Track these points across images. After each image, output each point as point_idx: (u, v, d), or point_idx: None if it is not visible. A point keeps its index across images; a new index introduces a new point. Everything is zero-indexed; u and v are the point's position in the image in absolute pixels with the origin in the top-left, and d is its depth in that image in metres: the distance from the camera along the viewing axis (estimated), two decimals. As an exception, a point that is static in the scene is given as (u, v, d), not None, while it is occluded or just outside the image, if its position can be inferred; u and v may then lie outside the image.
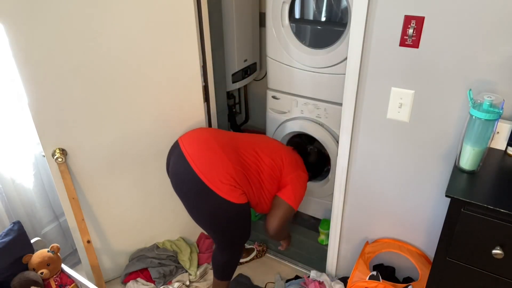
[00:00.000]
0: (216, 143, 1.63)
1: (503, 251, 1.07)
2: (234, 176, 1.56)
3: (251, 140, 1.75)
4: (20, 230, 1.66)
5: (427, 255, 1.70)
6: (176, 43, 1.74)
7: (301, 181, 1.75)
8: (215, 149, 1.60)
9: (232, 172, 1.56)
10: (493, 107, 1.11)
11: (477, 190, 1.13)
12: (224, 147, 1.62)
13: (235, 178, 1.56)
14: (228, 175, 1.55)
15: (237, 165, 1.60)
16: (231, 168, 1.57)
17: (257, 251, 2.24)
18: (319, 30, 1.98)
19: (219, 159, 1.57)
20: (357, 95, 1.54)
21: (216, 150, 1.60)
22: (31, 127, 1.63)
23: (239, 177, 1.58)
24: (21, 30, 1.42)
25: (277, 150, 1.74)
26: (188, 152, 1.61)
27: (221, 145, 1.62)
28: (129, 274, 2.05)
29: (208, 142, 1.64)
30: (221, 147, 1.61)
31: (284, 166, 1.71)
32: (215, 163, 1.56)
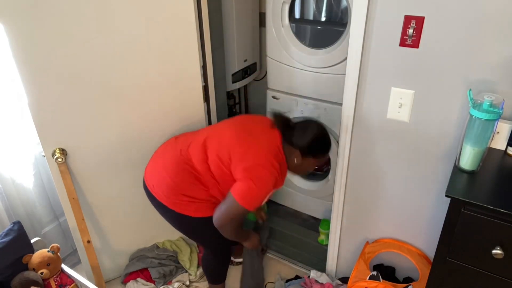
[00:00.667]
0: (165, 155, 1.63)
1: (503, 251, 1.07)
2: (183, 188, 1.54)
3: (205, 136, 1.60)
4: (20, 230, 1.66)
5: (427, 255, 1.70)
6: (176, 43, 1.74)
7: (260, 176, 1.43)
8: (162, 163, 1.61)
9: (177, 186, 1.54)
10: (493, 107, 1.11)
11: (477, 190, 1.13)
12: (172, 159, 1.58)
13: (184, 191, 1.54)
14: (176, 189, 1.54)
15: (181, 176, 1.54)
16: (172, 182, 1.54)
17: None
18: (319, 30, 1.98)
19: (162, 174, 1.58)
20: (357, 95, 1.53)
21: (163, 164, 1.60)
22: (31, 127, 1.63)
23: (188, 188, 1.54)
24: (21, 30, 1.42)
25: (227, 144, 1.51)
26: (147, 170, 1.68)
27: (170, 157, 1.60)
28: (129, 274, 2.05)
29: (160, 154, 1.66)
30: (169, 159, 1.59)
31: (232, 162, 1.47)
32: (162, 178, 1.57)
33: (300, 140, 1.50)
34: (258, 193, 1.44)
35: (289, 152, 1.53)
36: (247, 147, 1.48)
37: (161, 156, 1.65)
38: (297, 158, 1.52)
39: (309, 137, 1.50)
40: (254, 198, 1.44)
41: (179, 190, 1.54)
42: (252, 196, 1.43)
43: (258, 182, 1.42)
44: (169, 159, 1.59)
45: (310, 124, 1.54)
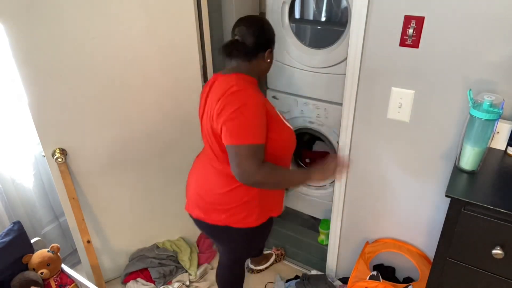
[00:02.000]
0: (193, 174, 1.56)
1: (503, 251, 1.07)
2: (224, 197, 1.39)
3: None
4: (20, 230, 1.66)
5: (427, 255, 1.70)
6: (176, 43, 1.74)
7: (236, 106, 1.22)
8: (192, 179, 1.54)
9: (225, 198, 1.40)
10: (493, 107, 1.11)
11: (477, 190, 1.13)
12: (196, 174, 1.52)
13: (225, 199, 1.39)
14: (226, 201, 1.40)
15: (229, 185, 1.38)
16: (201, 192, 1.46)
17: (276, 255, 2.22)
18: (319, 30, 1.98)
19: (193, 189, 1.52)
20: (357, 95, 1.53)
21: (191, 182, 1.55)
22: (31, 127, 1.63)
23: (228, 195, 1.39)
24: (21, 30, 1.42)
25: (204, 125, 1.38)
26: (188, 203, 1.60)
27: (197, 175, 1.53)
28: (129, 274, 2.05)
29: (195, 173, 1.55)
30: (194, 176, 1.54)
31: (214, 118, 1.29)
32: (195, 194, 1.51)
33: (263, 40, 1.36)
34: (250, 119, 1.21)
35: (257, 63, 1.37)
36: (210, 107, 1.32)
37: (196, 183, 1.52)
38: (269, 57, 1.40)
39: (268, 31, 1.38)
40: (249, 127, 1.21)
41: (228, 201, 1.39)
42: (245, 127, 1.21)
43: (238, 113, 1.21)
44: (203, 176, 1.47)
45: (252, 22, 1.36)
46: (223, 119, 1.23)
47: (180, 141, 1.96)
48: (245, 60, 1.36)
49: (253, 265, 2.16)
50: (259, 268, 2.17)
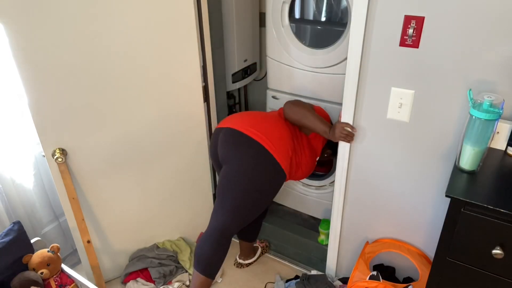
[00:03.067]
0: (264, 118, 1.74)
1: (503, 251, 1.07)
2: (289, 143, 1.67)
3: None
4: (20, 230, 1.66)
5: (427, 255, 1.70)
6: (176, 43, 1.74)
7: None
8: (266, 120, 1.72)
9: (287, 140, 1.67)
10: (493, 107, 1.11)
11: (477, 190, 1.13)
12: (275, 121, 1.74)
13: (290, 146, 1.67)
14: (282, 142, 1.65)
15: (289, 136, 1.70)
16: (285, 136, 1.67)
17: (261, 247, 2.25)
18: (319, 30, 1.98)
19: (274, 126, 1.69)
20: (357, 95, 1.54)
21: (270, 120, 1.72)
22: (31, 127, 1.63)
23: (291, 145, 1.68)
24: (21, 30, 1.42)
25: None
26: (239, 125, 1.68)
27: (271, 121, 1.73)
28: (129, 274, 2.05)
29: (255, 117, 1.75)
30: (273, 120, 1.74)
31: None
32: (272, 129, 1.66)
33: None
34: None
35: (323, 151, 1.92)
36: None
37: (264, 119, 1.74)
38: (327, 153, 1.95)
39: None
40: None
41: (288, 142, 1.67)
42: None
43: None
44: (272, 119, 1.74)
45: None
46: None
47: (180, 141, 1.96)
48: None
49: (242, 259, 2.18)
50: (248, 262, 2.18)
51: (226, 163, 1.65)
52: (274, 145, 1.62)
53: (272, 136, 1.64)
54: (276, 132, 1.67)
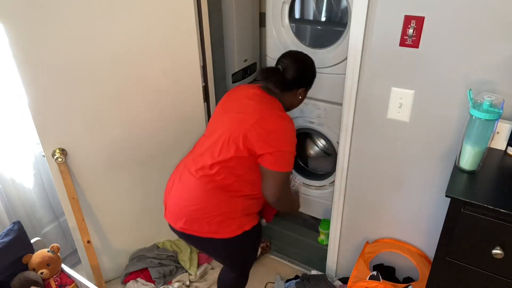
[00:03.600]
0: (182, 186, 1.49)
1: (503, 251, 1.07)
2: (221, 209, 1.42)
3: (204, 144, 1.50)
4: (20, 230, 1.66)
5: (427, 255, 1.70)
6: (176, 43, 1.74)
7: (283, 139, 1.38)
8: (186, 196, 1.47)
9: (214, 210, 1.42)
10: (493, 107, 1.11)
11: (477, 190, 1.13)
12: (192, 185, 1.45)
13: (222, 212, 1.43)
14: (214, 214, 1.42)
15: (212, 197, 1.43)
16: (207, 210, 1.42)
17: (261, 248, 2.23)
18: (319, 30, 1.98)
19: (191, 207, 1.44)
20: (357, 95, 1.54)
21: (188, 196, 1.46)
22: (31, 127, 1.63)
23: (225, 206, 1.43)
24: (21, 30, 1.42)
25: (232, 134, 1.39)
26: (168, 214, 1.54)
27: (189, 186, 1.47)
28: (129, 274, 2.05)
29: (177, 189, 1.51)
30: (189, 188, 1.46)
31: (246, 147, 1.37)
32: (193, 211, 1.44)
33: (303, 79, 1.48)
34: (290, 154, 1.41)
35: (290, 96, 1.48)
36: (255, 124, 1.37)
37: (178, 190, 1.50)
38: (301, 94, 1.51)
39: (310, 72, 1.50)
40: (289, 160, 1.41)
41: (217, 213, 1.42)
42: (287, 160, 1.40)
43: (284, 146, 1.38)
44: (190, 187, 1.45)
45: (299, 58, 1.48)
46: (269, 147, 1.35)
47: (180, 141, 1.96)
48: (277, 88, 1.46)
49: None
50: None
51: None
52: (216, 224, 1.43)
53: (209, 214, 1.43)
54: (206, 203, 1.43)
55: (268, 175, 1.39)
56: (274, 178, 1.39)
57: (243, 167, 1.41)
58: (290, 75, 1.43)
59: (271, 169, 1.37)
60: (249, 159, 1.39)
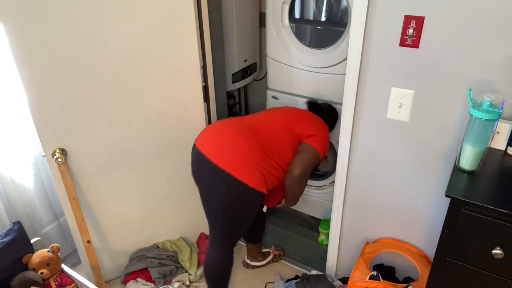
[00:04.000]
0: (229, 130, 1.60)
1: (503, 251, 1.07)
2: (254, 158, 1.54)
3: (266, 117, 1.74)
4: (20, 230, 1.66)
5: (427, 255, 1.70)
6: (176, 43, 1.74)
7: (324, 133, 1.74)
8: (229, 135, 1.58)
9: (250, 155, 1.53)
10: (493, 107, 1.11)
11: (477, 190, 1.13)
12: (239, 132, 1.59)
13: (255, 160, 1.54)
14: (247, 158, 1.52)
15: (254, 146, 1.57)
16: (248, 151, 1.53)
17: (274, 255, 2.21)
18: (319, 30, 1.98)
19: (236, 144, 1.55)
20: (357, 95, 1.53)
21: (232, 137, 1.57)
22: (31, 127, 1.63)
23: (259, 158, 1.55)
24: (21, 30, 1.42)
25: (293, 119, 1.73)
26: (204, 146, 1.58)
27: (236, 130, 1.60)
28: (129, 274, 2.05)
29: (221, 131, 1.61)
30: (237, 132, 1.59)
31: (300, 130, 1.70)
32: (233, 149, 1.53)
33: (331, 123, 1.98)
34: (327, 144, 1.73)
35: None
36: (309, 123, 1.75)
37: (228, 135, 1.59)
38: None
39: (334, 120, 2.00)
40: (325, 147, 1.72)
41: (263, 165, 1.57)
42: (325, 145, 1.71)
43: (325, 136, 1.72)
44: (247, 136, 1.59)
45: (330, 110, 1.99)
46: (318, 132, 1.72)
47: (180, 141, 1.96)
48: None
49: (249, 259, 2.16)
50: (255, 264, 2.16)
51: (203, 191, 1.63)
52: (244, 169, 1.51)
53: (242, 158, 1.52)
54: (245, 150, 1.54)
55: (306, 149, 1.65)
56: (309, 153, 1.64)
57: (292, 147, 1.67)
58: (327, 114, 1.98)
59: (313, 145, 1.66)
60: (295, 141, 1.68)
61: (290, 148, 1.66)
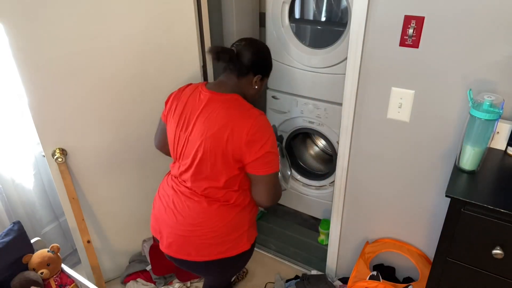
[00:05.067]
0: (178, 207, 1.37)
1: (503, 251, 1.07)
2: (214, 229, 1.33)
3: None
4: (20, 230, 1.66)
5: (427, 255, 1.70)
6: (176, 43, 1.74)
7: (265, 138, 1.26)
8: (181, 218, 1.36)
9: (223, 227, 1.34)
10: (493, 107, 1.11)
11: (477, 190, 1.13)
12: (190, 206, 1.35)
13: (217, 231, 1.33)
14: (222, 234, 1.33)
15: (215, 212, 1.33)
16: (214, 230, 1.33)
17: (237, 273, 2.07)
18: (319, 30, 1.98)
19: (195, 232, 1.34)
20: (357, 95, 1.53)
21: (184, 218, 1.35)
22: (31, 127, 1.63)
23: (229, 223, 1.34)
24: (21, 30, 1.42)
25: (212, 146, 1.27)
26: (173, 249, 1.38)
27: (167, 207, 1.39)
28: (129, 275, 2.05)
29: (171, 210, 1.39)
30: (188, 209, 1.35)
31: (238, 157, 1.27)
32: (197, 236, 1.34)
33: (258, 63, 1.35)
34: (274, 153, 1.30)
35: (245, 83, 1.36)
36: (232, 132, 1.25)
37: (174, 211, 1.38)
38: (257, 83, 1.38)
39: (267, 57, 1.40)
40: (275, 158, 1.31)
41: (227, 232, 1.34)
42: (274, 159, 1.30)
43: (266, 145, 1.26)
44: (187, 208, 1.35)
45: (256, 42, 1.39)
46: (260, 149, 1.24)
47: (180, 141, 1.96)
48: (233, 75, 1.34)
49: None
50: None
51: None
52: (228, 243, 1.35)
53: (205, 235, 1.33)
54: (202, 223, 1.34)
55: (259, 181, 1.31)
56: (265, 182, 1.31)
57: (239, 180, 1.33)
58: (245, 57, 1.32)
59: (261, 174, 1.29)
60: (241, 170, 1.31)
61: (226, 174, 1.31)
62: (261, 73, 1.37)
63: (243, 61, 1.33)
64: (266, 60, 1.40)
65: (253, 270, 2.18)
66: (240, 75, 1.34)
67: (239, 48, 1.34)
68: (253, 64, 1.34)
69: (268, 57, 1.42)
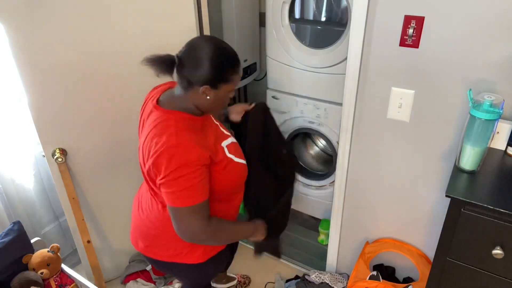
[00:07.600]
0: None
1: (503, 251, 1.07)
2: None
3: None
4: (20, 230, 1.66)
5: (427, 255, 1.70)
6: (176, 43, 1.74)
7: (180, 174, 1.08)
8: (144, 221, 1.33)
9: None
10: (493, 107, 1.11)
11: (477, 190, 1.13)
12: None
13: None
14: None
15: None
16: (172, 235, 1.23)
17: (238, 281, 2.08)
18: (319, 30, 1.98)
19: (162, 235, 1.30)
20: (357, 95, 1.53)
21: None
22: (31, 127, 1.63)
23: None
24: (21, 30, 1.42)
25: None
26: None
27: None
28: (129, 275, 2.05)
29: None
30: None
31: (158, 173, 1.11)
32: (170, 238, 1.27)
33: (198, 73, 1.09)
34: (191, 180, 1.08)
35: (194, 96, 1.14)
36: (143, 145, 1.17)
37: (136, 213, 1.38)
38: (208, 94, 1.12)
39: (207, 63, 1.09)
40: (190, 189, 1.09)
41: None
42: (186, 189, 1.08)
43: (178, 175, 1.07)
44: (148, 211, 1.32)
45: (198, 46, 1.12)
46: (162, 177, 1.09)
47: (180, 141, 1.96)
48: (180, 87, 1.16)
49: (213, 281, 2.02)
50: (217, 286, 2.04)
51: None
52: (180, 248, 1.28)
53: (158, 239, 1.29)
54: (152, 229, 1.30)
55: (171, 214, 1.14)
56: (173, 215, 1.13)
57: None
58: (184, 66, 1.10)
59: (168, 204, 1.12)
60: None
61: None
62: (207, 83, 1.11)
63: (182, 71, 1.11)
64: (211, 67, 1.09)
65: (253, 270, 2.18)
66: (184, 87, 1.14)
67: (181, 54, 1.13)
68: (192, 74, 1.10)
69: (214, 62, 1.10)
